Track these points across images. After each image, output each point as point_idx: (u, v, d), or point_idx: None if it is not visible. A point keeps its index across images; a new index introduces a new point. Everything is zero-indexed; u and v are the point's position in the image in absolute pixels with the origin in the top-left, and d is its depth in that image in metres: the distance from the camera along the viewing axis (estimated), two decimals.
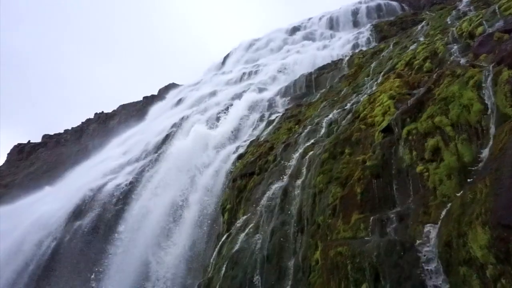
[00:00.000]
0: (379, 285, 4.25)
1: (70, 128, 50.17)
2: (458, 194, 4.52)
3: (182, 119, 23.65)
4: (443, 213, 4.65)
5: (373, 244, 4.63)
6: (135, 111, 43.84)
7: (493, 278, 3.27)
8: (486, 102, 5.36)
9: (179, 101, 31.09)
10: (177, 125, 23.19)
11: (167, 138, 22.23)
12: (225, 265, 8.20)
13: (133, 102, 47.19)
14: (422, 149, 5.74)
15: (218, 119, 20.68)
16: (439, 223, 4.56)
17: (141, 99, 46.47)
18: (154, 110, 36.02)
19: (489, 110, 5.22)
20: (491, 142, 4.86)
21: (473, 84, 5.71)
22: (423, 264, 4.10)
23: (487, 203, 3.60)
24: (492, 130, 5.01)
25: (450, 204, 4.64)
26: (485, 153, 4.85)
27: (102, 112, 49.43)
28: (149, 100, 43.41)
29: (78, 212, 17.58)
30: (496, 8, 8.99)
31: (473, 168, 4.85)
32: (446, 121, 5.61)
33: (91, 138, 44.12)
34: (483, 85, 5.55)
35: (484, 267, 3.37)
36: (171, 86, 42.88)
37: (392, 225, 5.27)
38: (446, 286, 3.79)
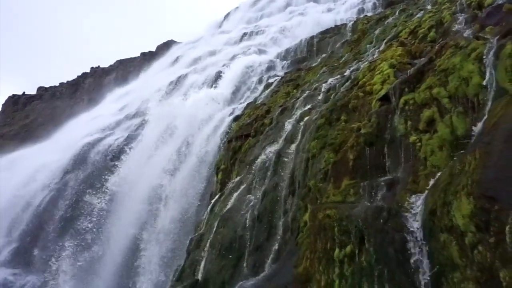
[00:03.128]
0: (363, 247, 4.42)
1: (65, 81, 49.34)
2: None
3: (180, 77, 23.32)
4: (431, 182, 4.77)
5: (361, 209, 4.78)
6: (132, 67, 43.06)
7: (471, 245, 3.42)
8: (486, 75, 5.30)
9: (177, 59, 30.47)
10: (174, 83, 22.91)
11: (163, 97, 22.03)
12: (216, 223, 8.46)
13: (131, 58, 46.21)
14: (417, 120, 5.75)
15: (215, 79, 20.40)
16: (426, 192, 4.68)
17: (139, 55, 45.46)
18: (152, 67, 35.37)
19: (488, 84, 5.19)
20: (485, 116, 4.87)
21: (475, 56, 5.62)
22: (406, 229, 4.26)
23: (474, 174, 3.68)
24: (489, 104, 4.99)
25: (438, 174, 4.75)
26: (479, 126, 4.88)
27: (99, 66, 48.47)
28: (147, 57, 42.51)
29: (73, 165, 17.78)
30: None
31: (465, 141, 4.91)
32: (444, 93, 5.58)
33: (87, 93, 43.63)
34: (484, 58, 5.47)
35: (464, 234, 3.51)
36: (170, 43, 41.86)
37: (381, 192, 5.41)
38: (426, 251, 3.97)
